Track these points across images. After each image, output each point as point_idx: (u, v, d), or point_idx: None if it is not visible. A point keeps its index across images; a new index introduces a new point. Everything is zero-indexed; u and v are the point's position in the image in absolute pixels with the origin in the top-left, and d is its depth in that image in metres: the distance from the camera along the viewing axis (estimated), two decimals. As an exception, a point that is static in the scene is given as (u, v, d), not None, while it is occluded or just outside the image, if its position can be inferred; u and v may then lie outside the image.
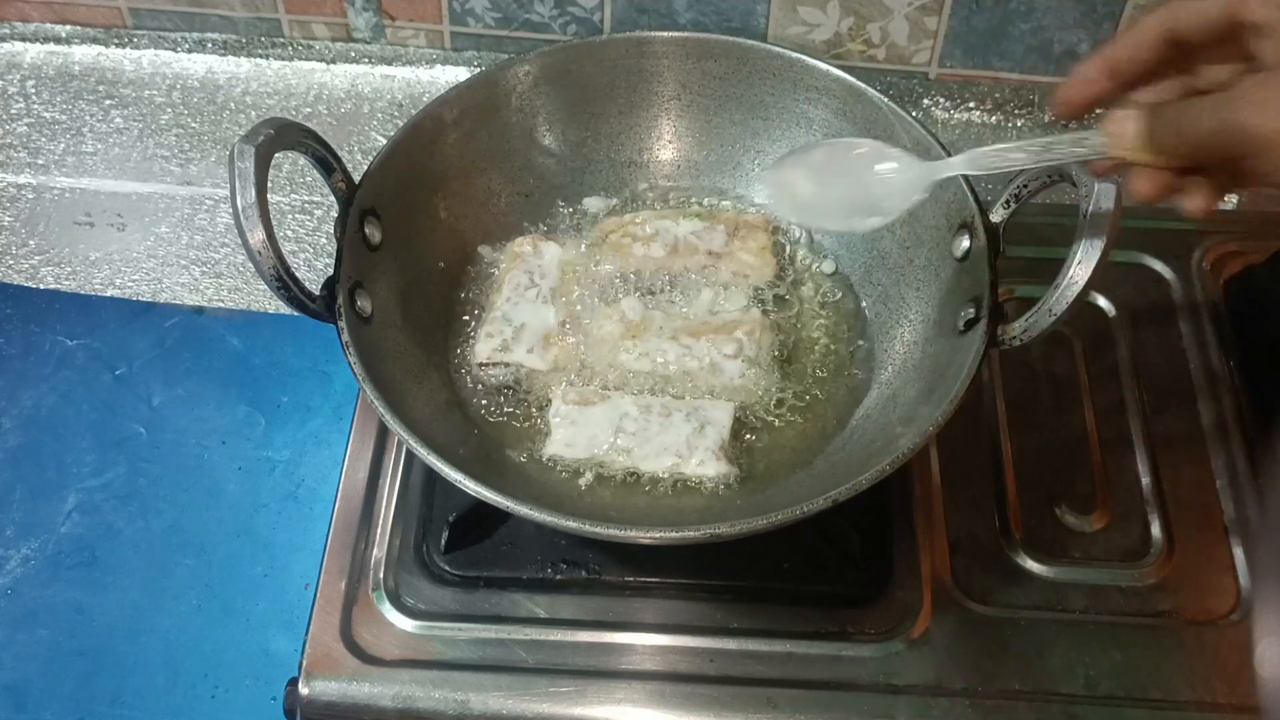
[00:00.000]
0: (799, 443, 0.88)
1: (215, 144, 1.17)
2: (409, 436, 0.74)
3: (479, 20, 1.17)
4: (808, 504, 0.72)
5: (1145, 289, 1.02)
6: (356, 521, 0.89)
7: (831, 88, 0.93)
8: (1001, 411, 0.95)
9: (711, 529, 0.73)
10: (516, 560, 0.87)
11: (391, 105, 1.20)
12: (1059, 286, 0.72)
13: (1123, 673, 0.82)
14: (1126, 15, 1.08)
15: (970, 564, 0.87)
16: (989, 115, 1.17)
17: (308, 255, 1.10)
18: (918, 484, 0.90)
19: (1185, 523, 0.89)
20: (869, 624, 0.84)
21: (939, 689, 0.81)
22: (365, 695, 0.81)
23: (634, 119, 1.00)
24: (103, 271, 1.09)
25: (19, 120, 1.19)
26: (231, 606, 0.92)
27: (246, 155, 0.72)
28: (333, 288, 0.80)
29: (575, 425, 0.85)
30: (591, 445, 0.85)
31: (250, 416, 1.01)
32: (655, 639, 0.84)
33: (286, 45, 1.22)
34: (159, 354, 1.05)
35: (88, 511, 0.96)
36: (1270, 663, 0.66)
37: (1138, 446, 0.93)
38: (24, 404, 1.02)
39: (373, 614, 0.84)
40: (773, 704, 0.80)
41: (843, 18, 1.11)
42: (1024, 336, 0.76)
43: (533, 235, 0.96)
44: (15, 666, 0.89)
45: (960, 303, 0.84)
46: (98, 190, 1.14)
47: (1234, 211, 1.10)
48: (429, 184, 0.93)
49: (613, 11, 1.14)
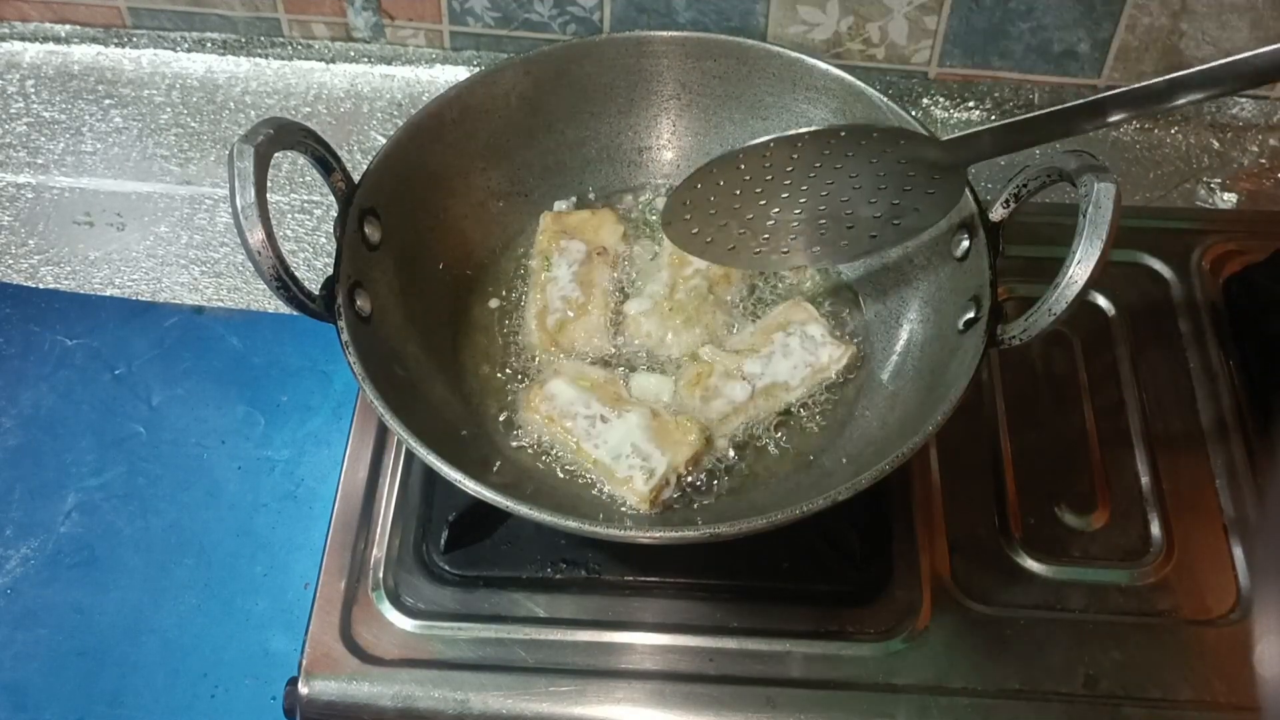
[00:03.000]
0: (799, 442, 0.88)
1: (215, 144, 1.17)
2: (408, 436, 0.74)
3: (478, 20, 1.17)
4: (808, 504, 0.72)
5: (1145, 289, 1.02)
6: (356, 521, 0.89)
7: (831, 87, 0.93)
8: (1001, 411, 0.95)
9: (711, 529, 0.73)
10: (516, 560, 0.87)
11: (391, 105, 1.20)
12: (1059, 286, 0.72)
13: (1122, 672, 0.82)
14: (1126, 15, 1.08)
15: (970, 563, 0.87)
16: (988, 114, 1.17)
17: (307, 255, 1.10)
18: (918, 484, 0.90)
19: (1185, 522, 0.89)
20: (869, 623, 0.84)
21: (939, 688, 0.81)
22: (365, 695, 0.81)
23: (633, 118, 1.00)
24: (102, 271, 1.09)
25: (18, 120, 1.19)
26: (231, 606, 0.92)
27: (246, 155, 0.72)
28: (332, 287, 0.80)
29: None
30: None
31: (250, 416, 1.01)
32: (655, 638, 0.84)
33: (286, 45, 1.22)
34: (158, 354, 1.05)
35: (87, 511, 0.96)
36: (1270, 662, 0.66)
37: (1137, 446, 0.93)
38: (24, 404, 1.02)
39: (372, 614, 0.84)
40: (773, 703, 0.80)
41: (842, 17, 1.11)
42: (1024, 336, 0.76)
43: (531, 391, 0.90)
44: (15, 666, 0.89)
45: (960, 302, 0.84)
46: (97, 190, 1.14)
47: (1234, 211, 1.11)
48: (429, 184, 0.93)
49: (612, 11, 1.14)
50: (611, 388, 0.89)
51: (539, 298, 0.94)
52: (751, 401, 0.88)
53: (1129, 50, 1.11)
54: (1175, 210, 1.10)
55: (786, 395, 0.89)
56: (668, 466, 0.83)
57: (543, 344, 0.93)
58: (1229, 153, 1.15)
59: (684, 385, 0.89)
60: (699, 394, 0.88)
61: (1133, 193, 1.11)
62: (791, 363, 0.89)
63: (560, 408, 0.87)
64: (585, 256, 0.95)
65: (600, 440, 0.85)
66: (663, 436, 0.84)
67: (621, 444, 0.84)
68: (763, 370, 0.89)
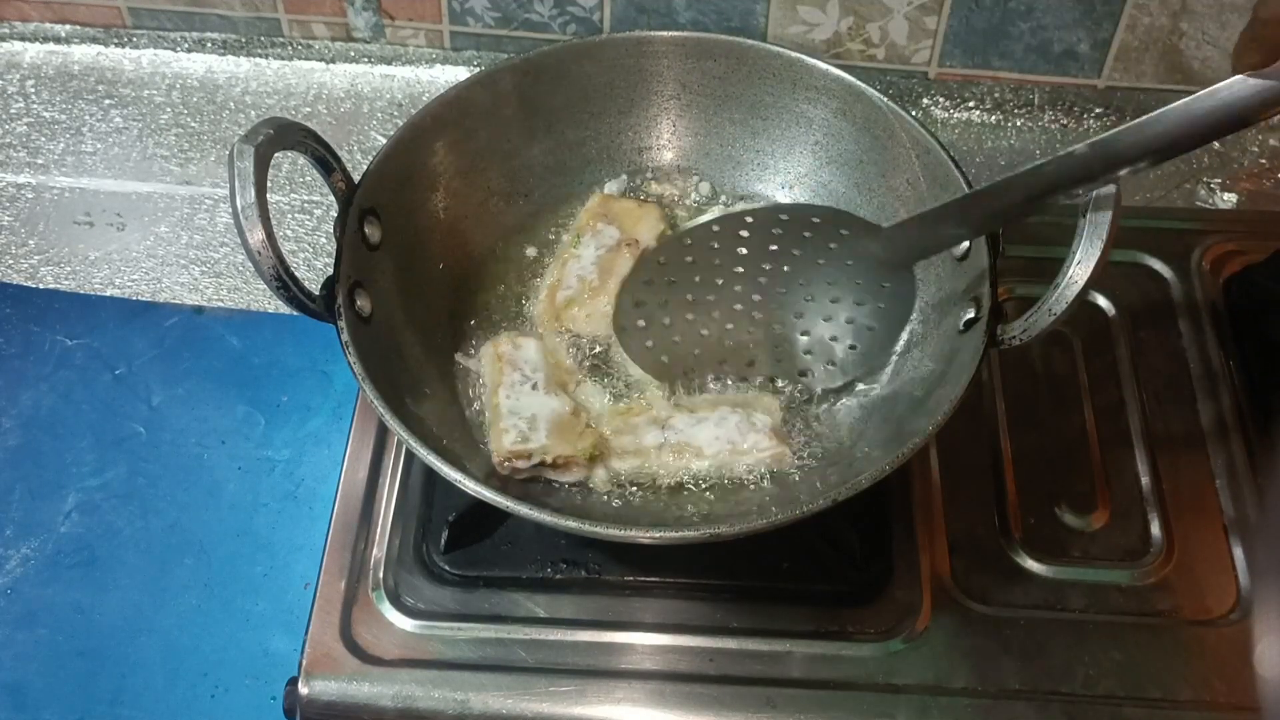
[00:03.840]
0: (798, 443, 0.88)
1: (215, 144, 1.17)
2: (408, 436, 0.74)
3: (478, 20, 1.17)
4: (808, 504, 0.72)
5: (1145, 289, 1.02)
6: (356, 521, 0.89)
7: (831, 87, 0.93)
8: (1001, 411, 0.95)
9: (711, 529, 0.73)
10: (516, 560, 0.87)
11: (391, 105, 1.20)
12: (1059, 286, 0.72)
13: (1122, 672, 0.82)
14: (1126, 15, 1.08)
15: (970, 564, 0.87)
16: (988, 115, 1.17)
17: (307, 255, 1.10)
18: (918, 484, 0.90)
19: (1185, 522, 0.89)
20: (869, 623, 0.84)
21: (939, 689, 0.81)
22: (365, 695, 0.81)
23: (633, 119, 1.00)
24: (102, 271, 1.09)
25: (19, 120, 1.19)
26: (231, 606, 0.92)
27: (246, 155, 0.72)
28: (332, 287, 0.80)
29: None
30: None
31: (250, 416, 1.01)
32: (655, 639, 0.84)
33: (286, 45, 1.22)
34: (158, 354, 1.05)
35: (87, 511, 0.96)
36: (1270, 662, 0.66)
37: (1137, 446, 0.93)
38: (24, 404, 1.02)
39: (372, 614, 0.84)
40: (773, 704, 0.80)
41: (842, 17, 1.11)
42: (1024, 336, 0.76)
43: (508, 334, 0.92)
44: (15, 666, 0.89)
45: (960, 303, 0.84)
46: (97, 190, 1.14)
47: (1234, 211, 1.11)
48: (428, 184, 0.93)
49: (612, 11, 1.14)
50: (565, 376, 0.90)
51: (558, 272, 0.95)
52: (656, 452, 0.86)
53: (1129, 50, 1.11)
54: (1175, 210, 1.10)
55: (695, 462, 0.85)
56: (540, 446, 0.83)
57: (546, 317, 0.93)
58: (1229, 153, 1.15)
59: (613, 408, 0.89)
60: (618, 423, 0.88)
61: (1133, 193, 1.11)
62: (716, 434, 0.86)
63: (513, 358, 0.89)
64: (615, 244, 0.95)
65: (515, 397, 0.87)
66: (561, 428, 0.85)
67: (526, 409, 0.86)
68: (685, 429, 0.87)
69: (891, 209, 0.92)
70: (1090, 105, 1.16)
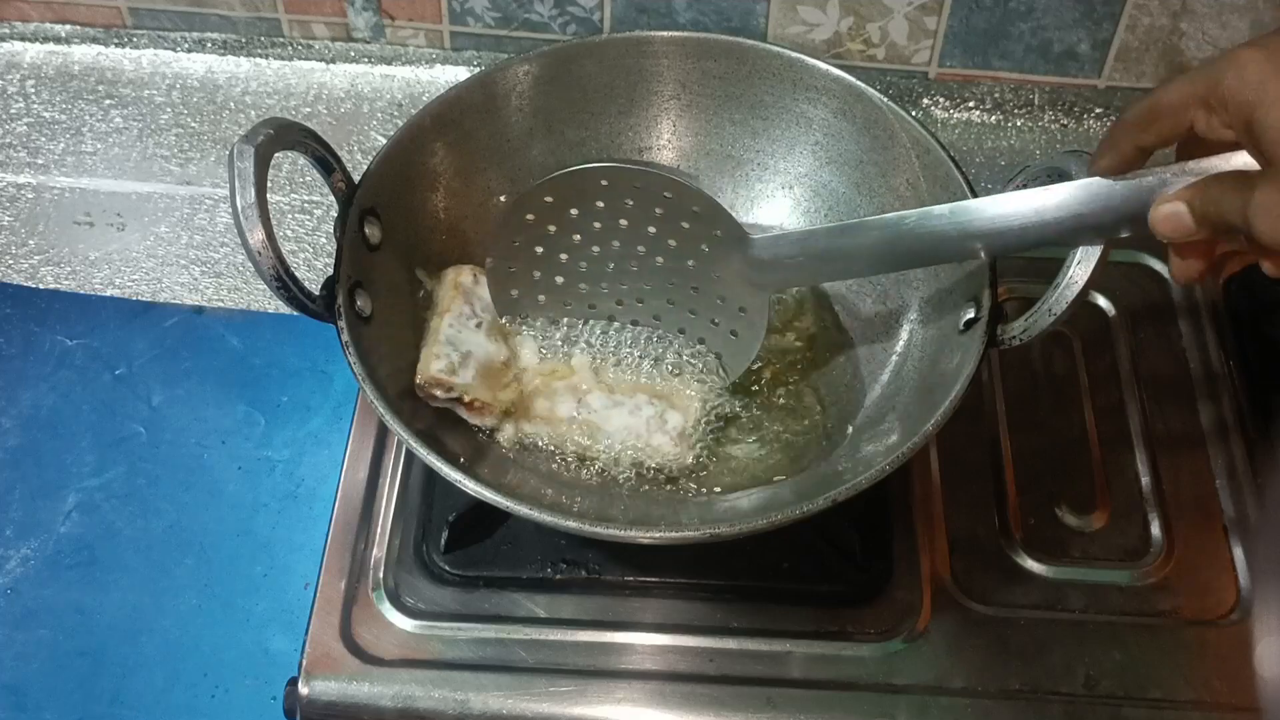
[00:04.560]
0: (799, 443, 0.88)
1: (215, 144, 1.17)
2: (408, 436, 0.74)
3: (479, 20, 1.17)
4: (808, 504, 0.72)
5: (1145, 289, 1.02)
6: (356, 521, 0.89)
7: (831, 87, 0.93)
8: (1001, 411, 0.95)
9: (711, 529, 0.73)
10: (516, 560, 0.87)
11: (391, 105, 1.20)
12: (1059, 286, 0.72)
13: (1122, 672, 0.82)
14: (1126, 15, 1.08)
15: (970, 564, 0.87)
16: (989, 115, 1.17)
17: (307, 255, 1.10)
18: (918, 484, 0.90)
19: (1185, 522, 0.89)
20: (869, 623, 0.84)
21: (939, 689, 0.81)
22: (365, 695, 0.81)
23: (633, 119, 1.00)
24: (102, 271, 1.09)
25: (19, 120, 1.19)
26: (231, 606, 0.92)
27: (246, 155, 0.72)
28: (332, 288, 0.80)
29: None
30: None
31: (250, 416, 1.01)
32: (655, 639, 0.84)
33: (286, 45, 1.22)
34: (158, 354, 1.05)
35: (87, 511, 0.96)
36: (1270, 663, 0.66)
37: (1138, 446, 0.93)
38: (24, 404, 1.02)
39: (372, 614, 0.84)
40: (773, 704, 0.80)
41: (842, 17, 1.11)
42: (1024, 336, 0.76)
43: (473, 267, 0.92)
44: (15, 666, 0.89)
45: (960, 303, 0.84)
46: (97, 190, 1.14)
47: (1234, 211, 1.10)
48: (429, 184, 0.93)
49: (612, 11, 1.14)
50: (509, 325, 0.91)
51: None
52: (566, 424, 0.86)
53: (1129, 50, 1.11)
54: (1175, 210, 1.10)
55: (598, 443, 0.85)
56: (464, 384, 0.84)
57: None
58: (1229, 153, 1.15)
59: (537, 366, 0.89)
60: (539, 383, 0.88)
61: (1133, 193, 1.11)
62: (626, 423, 0.86)
63: (470, 292, 0.89)
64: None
65: (457, 328, 0.87)
66: (489, 373, 0.86)
67: (463, 344, 0.86)
68: (599, 409, 0.86)
69: (891, 209, 0.92)
70: (1090, 105, 1.16)
